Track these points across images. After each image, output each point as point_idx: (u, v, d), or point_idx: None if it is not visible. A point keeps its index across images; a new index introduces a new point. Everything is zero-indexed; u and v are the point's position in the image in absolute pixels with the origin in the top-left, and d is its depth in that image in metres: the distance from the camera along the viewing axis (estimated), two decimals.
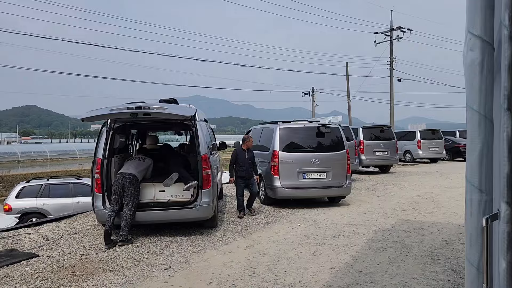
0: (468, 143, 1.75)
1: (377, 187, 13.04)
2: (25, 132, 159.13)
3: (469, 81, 1.70)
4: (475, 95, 1.68)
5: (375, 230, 7.11)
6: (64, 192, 12.39)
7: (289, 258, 5.60)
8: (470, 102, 1.71)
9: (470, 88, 1.70)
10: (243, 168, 8.58)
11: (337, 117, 13.57)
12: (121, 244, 6.35)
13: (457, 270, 4.99)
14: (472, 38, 1.68)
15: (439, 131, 22.43)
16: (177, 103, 7.43)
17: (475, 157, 1.71)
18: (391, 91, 33.17)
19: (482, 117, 1.67)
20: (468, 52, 1.71)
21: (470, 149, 1.73)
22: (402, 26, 33.11)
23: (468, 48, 1.71)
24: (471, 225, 1.77)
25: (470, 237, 1.79)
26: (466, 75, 1.72)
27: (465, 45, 1.75)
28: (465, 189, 1.79)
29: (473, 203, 1.74)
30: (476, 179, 1.72)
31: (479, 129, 1.68)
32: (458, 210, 8.79)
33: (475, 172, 1.72)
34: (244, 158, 8.60)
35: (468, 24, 1.71)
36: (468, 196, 1.76)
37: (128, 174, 6.70)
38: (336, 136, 9.83)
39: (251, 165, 8.72)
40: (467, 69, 1.72)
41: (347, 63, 35.36)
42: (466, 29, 1.72)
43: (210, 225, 7.41)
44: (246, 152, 8.67)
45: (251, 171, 8.73)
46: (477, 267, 1.77)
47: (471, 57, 1.69)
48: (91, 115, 6.23)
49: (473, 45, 1.68)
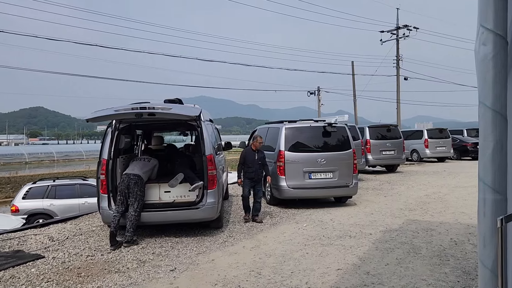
0: (481, 141, 1.68)
1: (384, 186, 12.93)
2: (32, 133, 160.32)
3: (482, 77, 1.64)
4: (488, 91, 1.61)
5: (382, 231, 7.03)
6: (71, 193, 12.43)
7: (295, 259, 5.54)
8: (482, 98, 1.64)
9: (482, 83, 1.63)
10: (252, 169, 8.11)
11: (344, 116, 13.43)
12: (126, 245, 6.33)
13: (467, 271, 4.90)
14: (485, 32, 1.62)
15: (447, 130, 22.25)
16: (182, 103, 7.40)
17: (489, 155, 1.65)
18: (398, 89, 32.96)
19: (496, 113, 1.60)
20: (481, 47, 1.64)
21: (483, 147, 1.67)
22: (408, 25, 32.90)
23: (480, 43, 1.65)
24: (484, 225, 1.70)
25: (484, 238, 1.72)
26: (479, 70, 1.66)
27: (477, 39, 1.68)
28: (478, 188, 1.73)
29: (487, 203, 1.68)
30: (490, 178, 1.66)
31: (492, 126, 1.62)
32: (466, 209, 8.68)
33: (488, 170, 1.65)
34: (254, 159, 8.12)
35: (480, 17, 1.64)
36: (481, 196, 1.70)
37: (133, 174, 6.68)
38: (342, 135, 9.75)
39: (261, 166, 8.22)
40: (479, 64, 1.65)
41: (352, 62, 35.23)
42: (478, 23, 1.66)
43: (216, 226, 7.37)
44: (256, 153, 8.18)
45: (261, 173, 8.27)
46: (491, 269, 1.70)
47: (483, 52, 1.63)
48: (96, 116, 6.22)
49: (485, 39, 1.61)
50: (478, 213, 1.72)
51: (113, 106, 6.40)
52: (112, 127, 6.93)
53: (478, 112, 1.68)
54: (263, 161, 8.26)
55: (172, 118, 6.75)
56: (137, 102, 6.55)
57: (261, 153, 8.26)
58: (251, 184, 8.18)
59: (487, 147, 1.64)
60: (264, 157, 8.33)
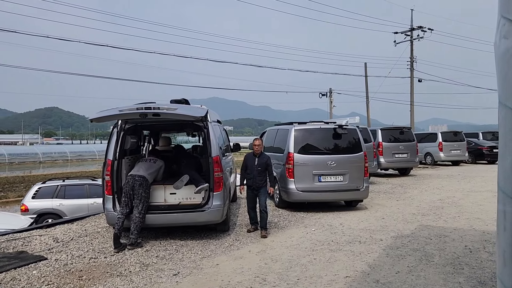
0: (501, 146, 1.50)
1: (396, 190, 12.64)
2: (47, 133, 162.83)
3: (503, 74, 1.45)
4: (510, 91, 1.42)
5: (393, 236, 6.80)
6: (80, 193, 12.44)
7: (302, 265, 5.36)
8: (503, 98, 1.45)
9: (503, 82, 1.45)
10: (250, 175, 7.25)
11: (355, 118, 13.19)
12: (130, 247, 6.23)
13: (483, 281, 4.66)
14: (507, 23, 1.43)
15: (461, 133, 21.78)
16: (189, 103, 7.28)
17: (509, 162, 1.46)
18: (411, 91, 32.43)
19: None
20: (502, 40, 1.46)
21: (504, 153, 1.48)
22: (423, 26, 32.37)
23: (501, 36, 1.46)
24: (504, 241, 1.51)
25: (503, 255, 1.53)
26: (499, 67, 1.47)
27: (497, 32, 1.50)
28: (497, 199, 1.54)
29: (507, 215, 1.49)
30: (511, 187, 1.47)
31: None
32: (481, 215, 8.38)
33: (510, 179, 1.46)
34: (253, 164, 7.24)
35: (501, 7, 1.46)
36: (500, 207, 1.51)
37: (138, 176, 6.57)
38: (353, 137, 9.53)
39: (260, 173, 7.21)
40: (500, 60, 1.47)
41: (365, 64, 34.80)
42: (498, 13, 1.48)
43: (222, 229, 7.23)
44: (256, 158, 7.28)
45: (261, 180, 7.23)
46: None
47: (505, 46, 1.44)
48: (100, 116, 6.14)
49: (507, 31, 1.43)
50: (498, 227, 1.53)
51: (118, 106, 6.31)
52: (117, 127, 6.85)
53: (498, 114, 1.50)
54: (263, 167, 7.24)
55: (177, 118, 6.63)
56: (143, 102, 6.45)
57: (263, 159, 7.27)
58: (252, 193, 7.33)
59: (509, 153, 1.45)
60: (266, 163, 7.26)
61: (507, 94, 1.44)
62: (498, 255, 1.54)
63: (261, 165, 7.23)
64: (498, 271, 1.53)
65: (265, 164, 7.25)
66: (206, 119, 6.74)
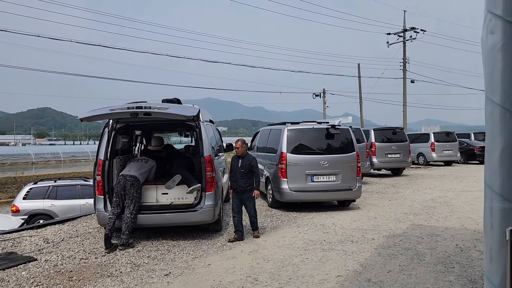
0: (488, 142, 1.49)
1: (388, 190, 12.68)
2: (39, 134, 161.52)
3: (489, 69, 1.44)
4: (496, 86, 1.42)
5: (385, 236, 6.81)
6: (72, 193, 12.33)
7: (294, 265, 5.35)
8: (490, 93, 1.45)
9: (490, 77, 1.44)
10: (233, 178, 6.92)
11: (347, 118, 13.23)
12: (121, 248, 6.18)
13: (473, 279, 4.68)
14: (493, 18, 1.43)
15: (453, 133, 21.93)
16: (180, 103, 7.25)
17: (496, 158, 1.45)
18: (404, 92, 32.61)
19: (505, 111, 1.41)
20: (488, 35, 1.45)
21: (490, 149, 1.47)
22: (415, 27, 32.59)
23: (487, 31, 1.46)
24: (491, 237, 1.51)
25: (491, 251, 1.53)
26: (486, 61, 1.46)
27: (484, 27, 1.49)
28: (484, 195, 1.53)
29: (494, 212, 1.48)
30: (497, 183, 1.46)
31: (501, 125, 1.42)
32: (473, 215, 8.43)
33: (496, 175, 1.46)
34: (236, 166, 6.90)
35: (488, 3, 1.46)
36: (487, 204, 1.50)
37: (129, 176, 6.53)
38: (346, 137, 9.54)
39: (244, 175, 6.81)
40: (486, 55, 1.46)
41: (359, 64, 34.96)
42: (485, 9, 1.47)
43: (214, 229, 7.20)
44: (240, 160, 6.93)
45: (244, 183, 6.82)
46: (498, 286, 1.51)
47: (491, 41, 1.44)
48: (90, 115, 6.09)
49: (494, 26, 1.42)
50: (484, 224, 1.53)
51: (109, 106, 6.26)
52: (109, 127, 6.80)
53: (484, 109, 1.49)
54: (247, 169, 6.83)
55: (169, 118, 6.60)
56: (134, 102, 6.41)
57: (246, 160, 6.89)
58: (237, 197, 6.94)
59: (495, 149, 1.45)
60: (250, 164, 6.86)
61: (493, 89, 1.43)
62: (485, 252, 1.53)
63: (244, 167, 6.84)
64: (485, 268, 1.53)
65: (248, 165, 6.84)
66: (198, 119, 6.71)
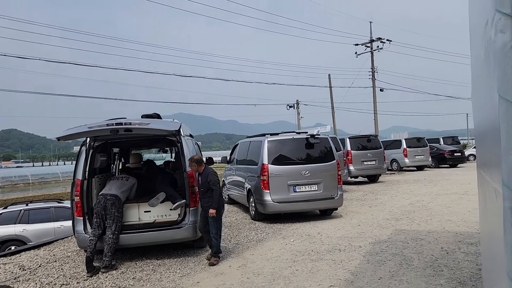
0: (504, 141, 1.49)
1: (367, 197, 12.83)
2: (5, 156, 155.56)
3: (502, 68, 1.46)
4: (510, 84, 1.43)
5: (371, 242, 6.84)
6: (45, 216, 11.80)
7: (285, 277, 5.27)
8: (503, 92, 1.46)
9: (503, 76, 1.45)
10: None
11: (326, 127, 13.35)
12: (104, 270, 5.93)
13: (462, 281, 4.73)
14: (502, 17, 1.44)
15: (424, 138, 22.55)
16: (160, 118, 7.12)
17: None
18: (374, 101, 33.37)
19: None
20: (498, 35, 1.47)
21: (507, 148, 1.47)
22: (382, 37, 33.56)
23: (497, 30, 1.47)
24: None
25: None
26: (498, 61, 1.48)
27: (491, 27, 1.51)
28: (502, 195, 1.53)
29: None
30: None
31: None
32: (452, 217, 8.61)
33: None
34: (198, 183, 6.45)
35: (495, 2, 1.47)
36: (507, 204, 1.50)
37: (110, 195, 6.31)
38: (325, 146, 9.61)
39: (203, 194, 6.28)
40: (498, 55, 1.48)
41: (329, 75, 35.62)
42: (493, 8, 1.49)
43: (200, 245, 7.03)
44: (200, 177, 6.38)
45: (206, 202, 6.23)
46: None
47: (502, 40, 1.45)
48: (68, 133, 5.87)
49: (503, 25, 1.44)
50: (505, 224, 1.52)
51: (86, 123, 6.06)
52: (86, 145, 6.58)
53: (498, 109, 1.49)
54: (206, 186, 6.23)
55: (150, 133, 6.46)
56: (113, 118, 6.24)
57: (203, 177, 6.29)
58: (203, 213, 6.38)
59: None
60: (207, 181, 6.21)
61: (507, 88, 1.44)
62: (506, 251, 1.52)
63: (203, 185, 6.28)
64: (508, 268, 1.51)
65: (206, 183, 6.24)
66: (179, 133, 6.60)
